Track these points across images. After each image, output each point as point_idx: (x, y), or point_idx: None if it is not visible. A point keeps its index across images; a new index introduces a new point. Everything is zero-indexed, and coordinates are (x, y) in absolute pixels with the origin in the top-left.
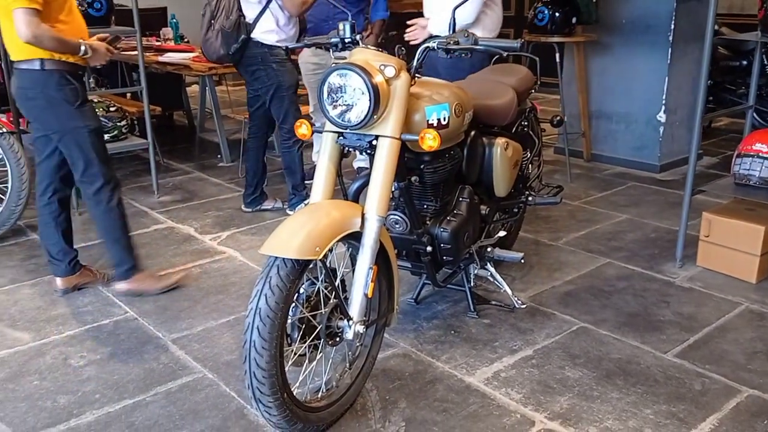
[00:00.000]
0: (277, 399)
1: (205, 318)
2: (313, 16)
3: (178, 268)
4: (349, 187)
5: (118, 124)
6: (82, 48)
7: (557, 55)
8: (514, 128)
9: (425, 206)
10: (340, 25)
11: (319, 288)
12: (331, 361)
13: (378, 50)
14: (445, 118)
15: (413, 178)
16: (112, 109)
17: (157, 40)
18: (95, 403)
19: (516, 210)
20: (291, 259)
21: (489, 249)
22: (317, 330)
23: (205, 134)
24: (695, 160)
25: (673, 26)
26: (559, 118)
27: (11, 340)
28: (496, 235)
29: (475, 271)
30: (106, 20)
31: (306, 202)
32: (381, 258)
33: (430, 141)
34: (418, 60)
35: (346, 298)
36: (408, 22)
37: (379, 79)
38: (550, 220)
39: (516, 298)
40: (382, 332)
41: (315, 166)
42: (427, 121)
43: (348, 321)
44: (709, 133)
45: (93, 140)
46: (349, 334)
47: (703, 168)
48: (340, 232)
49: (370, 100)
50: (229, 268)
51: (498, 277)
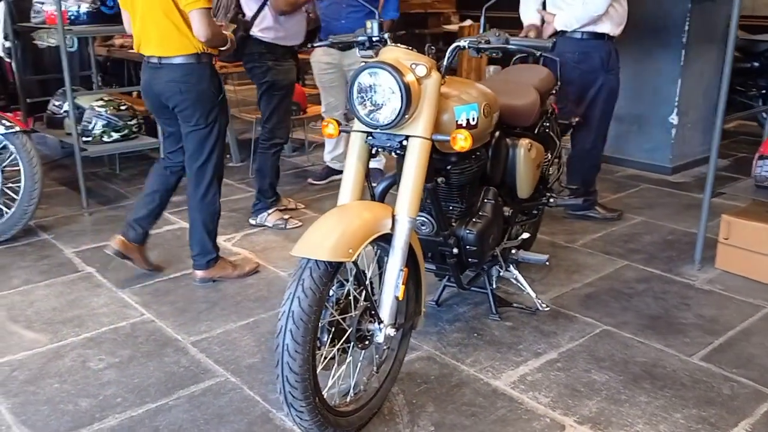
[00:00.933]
0: (310, 404)
1: (225, 320)
2: (326, 15)
3: (248, 258)
4: (375, 187)
5: (129, 123)
6: (228, 41)
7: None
8: (537, 129)
9: (450, 208)
10: (368, 23)
11: (348, 290)
12: (359, 364)
13: (408, 48)
14: (474, 119)
15: (439, 180)
16: (122, 107)
17: None
18: (117, 407)
19: (536, 212)
20: (324, 261)
21: (513, 251)
22: (347, 333)
23: None
24: (716, 163)
25: (687, 27)
26: (578, 120)
27: (29, 342)
28: (520, 237)
29: (500, 273)
30: (118, 18)
31: (270, 210)
32: (410, 260)
33: (462, 141)
34: (449, 59)
35: (375, 301)
36: (527, 23)
37: (410, 78)
38: (565, 222)
39: (539, 301)
40: (408, 335)
41: (326, 166)
42: (456, 121)
43: (379, 324)
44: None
45: (220, 137)
46: (380, 338)
47: (716, 170)
48: (372, 234)
49: (402, 100)
50: None
51: (521, 279)
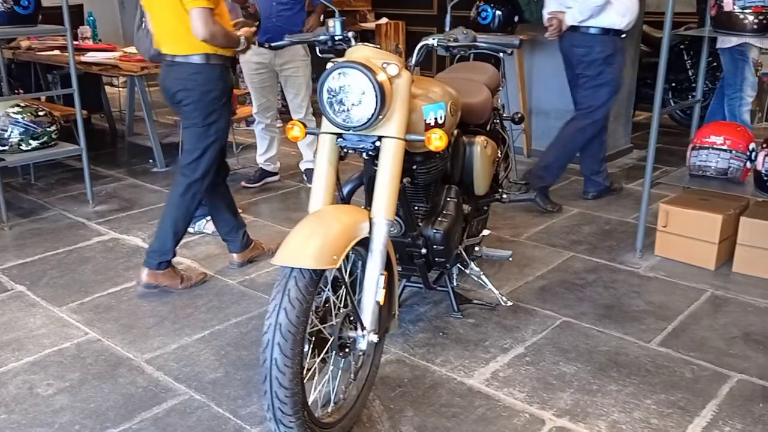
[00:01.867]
0: (299, 418)
1: (178, 334)
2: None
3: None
4: (341, 189)
5: (48, 129)
6: (242, 41)
7: (501, 54)
8: (488, 126)
9: (416, 207)
10: (330, 22)
11: (327, 297)
12: (339, 373)
13: (376, 47)
14: (441, 117)
15: (404, 180)
16: (40, 113)
17: (75, 40)
18: None
19: (486, 208)
20: (309, 270)
21: (476, 248)
22: (329, 342)
23: (132, 138)
24: (654, 154)
25: None
26: (520, 115)
27: None
28: (481, 234)
29: (465, 271)
30: (33, 19)
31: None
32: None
33: (437, 141)
34: (417, 57)
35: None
36: (547, 16)
37: (382, 77)
38: (506, 217)
39: (502, 296)
40: (383, 339)
41: (260, 169)
42: (425, 120)
43: (362, 331)
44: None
45: (218, 139)
46: (362, 345)
47: (635, 161)
48: (353, 238)
49: (377, 99)
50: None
51: (484, 277)
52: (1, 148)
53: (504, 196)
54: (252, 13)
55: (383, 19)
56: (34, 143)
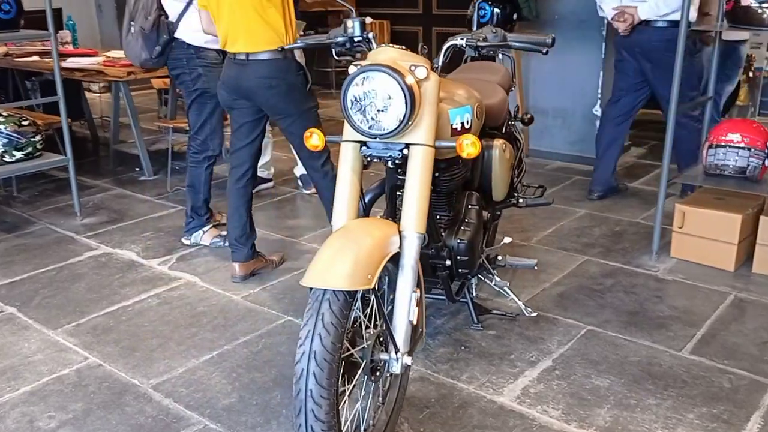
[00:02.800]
0: None
1: (184, 357)
2: None
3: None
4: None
5: (32, 139)
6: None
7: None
8: (504, 129)
9: (438, 217)
10: (348, 23)
11: (356, 317)
12: (369, 398)
13: (402, 48)
14: (468, 122)
15: None
16: (24, 123)
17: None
18: None
19: (498, 214)
20: (343, 291)
21: (500, 257)
22: (361, 367)
23: (117, 146)
24: (669, 154)
25: (606, 21)
26: (529, 116)
27: None
28: (501, 242)
29: (491, 284)
30: (15, 24)
31: (205, 229)
32: None
33: (470, 147)
34: (444, 59)
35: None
36: (614, 10)
37: (411, 80)
38: (513, 220)
39: (527, 308)
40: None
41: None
42: (451, 125)
43: (396, 353)
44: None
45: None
46: (396, 368)
47: (636, 159)
48: (386, 254)
49: (406, 105)
50: (193, 296)
51: (508, 288)
52: None
53: (520, 201)
54: None
55: (368, 19)
56: (19, 154)
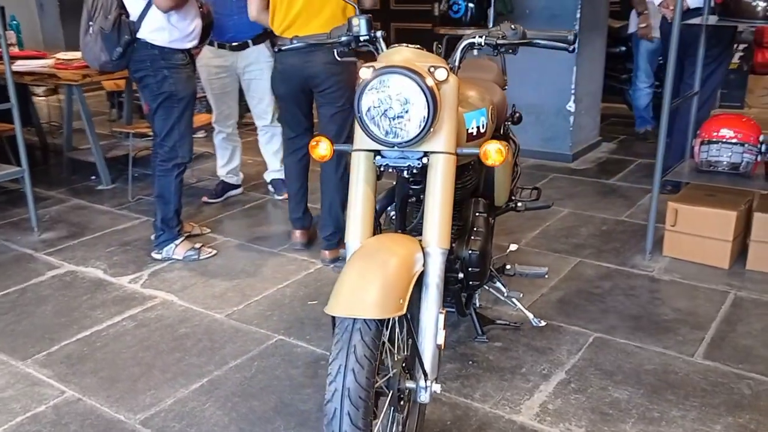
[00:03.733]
0: None
1: (171, 386)
2: (215, 10)
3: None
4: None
5: None
6: None
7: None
8: (501, 130)
9: None
10: (354, 21)
11: (384, 343)
12: (394, 428)
13: (418, 48)
14: (483, 125)
15: None
16: None
17: None
18: None
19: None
20: (375, 320)
21: (508, 267)
22: (388, 397)
23: (70, 153)
24: (663, 150)
25: (579, 15)
26: (518, 114)
27: None
28: (508, 250)
29: (502, 297)
30: None
31: (177, 242)
32: None
33: (496, 155)
34: (460, 58)
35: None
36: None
37: (431, 83)
38: (498, 222)
39: (535, 318)
40: None
41: (222, 182)
42: (467, 130)
43: (425, 381)
44: None
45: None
46: (425, 397)
47: (607, 154)
48: (414, 274)
49: (428, 109)
50: (172, 317)
51: (516, 300)
52: None
53: (519, 205)
54: (204, 14)
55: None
56: None
